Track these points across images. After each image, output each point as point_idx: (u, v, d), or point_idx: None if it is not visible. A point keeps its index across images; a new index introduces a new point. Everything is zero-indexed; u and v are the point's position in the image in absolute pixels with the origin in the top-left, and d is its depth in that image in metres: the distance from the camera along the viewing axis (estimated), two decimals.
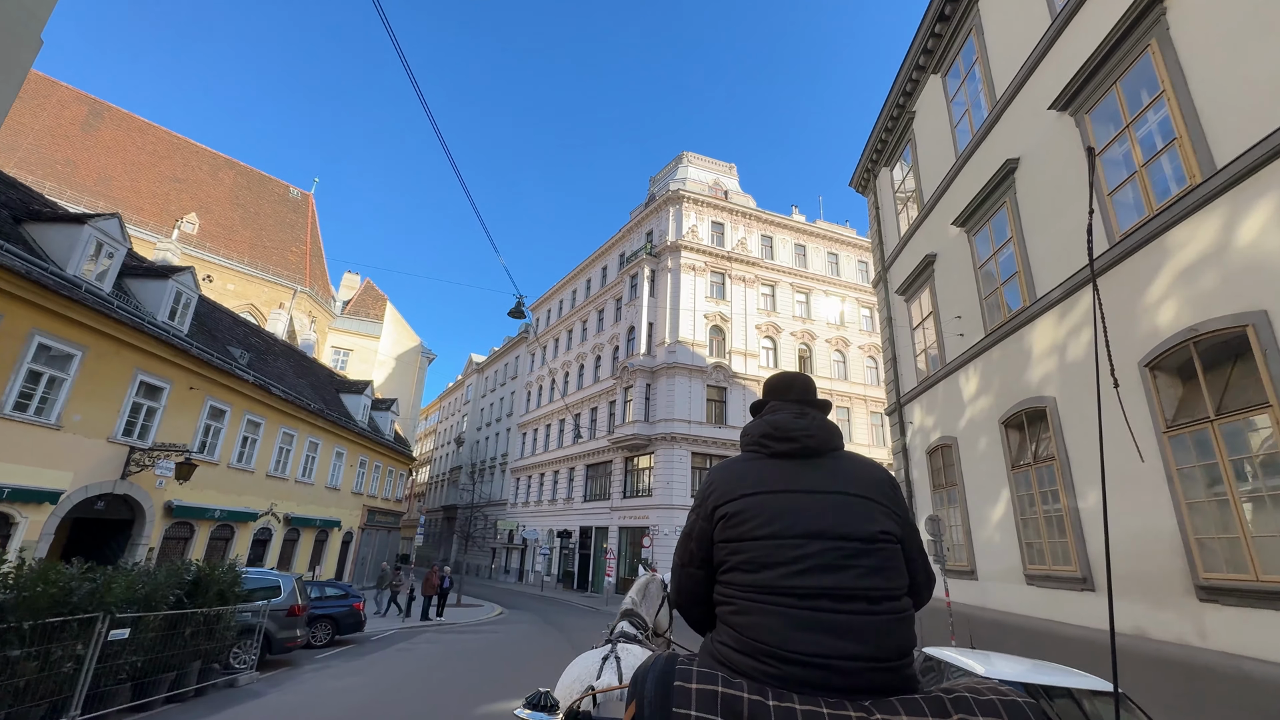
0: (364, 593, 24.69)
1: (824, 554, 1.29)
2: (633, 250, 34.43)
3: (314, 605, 11.39)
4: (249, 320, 23.42)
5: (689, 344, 29.66)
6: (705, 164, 35.68)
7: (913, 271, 15.30)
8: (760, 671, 1.22)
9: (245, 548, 18.18)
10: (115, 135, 34.24)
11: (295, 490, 21.08)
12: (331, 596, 11.77)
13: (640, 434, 28.46)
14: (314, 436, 22.03)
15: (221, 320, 19.90)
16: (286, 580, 9.48)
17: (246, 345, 20.24)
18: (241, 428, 17.68)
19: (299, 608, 9.28)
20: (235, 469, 17.55)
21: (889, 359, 17.53)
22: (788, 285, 33.54)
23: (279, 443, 19.75)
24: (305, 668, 9.41)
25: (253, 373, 18.02)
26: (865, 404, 32.76)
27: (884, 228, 18.47)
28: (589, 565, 31.83)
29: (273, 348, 23.00)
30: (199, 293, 16.31)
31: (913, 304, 15.94)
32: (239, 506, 17.58)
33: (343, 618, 11.60)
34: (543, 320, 47.00)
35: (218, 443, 16.67)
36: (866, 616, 1.24)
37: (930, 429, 14.57)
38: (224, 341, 18.42)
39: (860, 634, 1.22)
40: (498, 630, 15.29)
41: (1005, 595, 11.01)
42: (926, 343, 15.01)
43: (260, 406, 18.51)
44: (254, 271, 34.94)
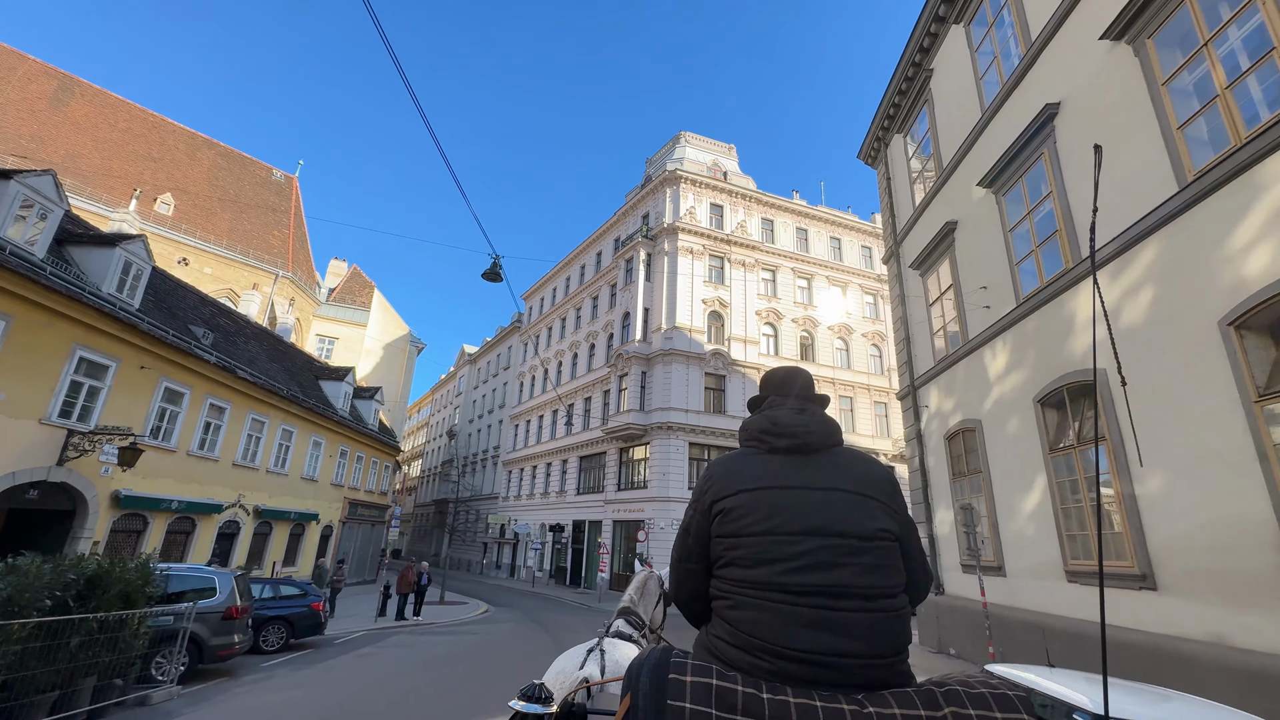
0: (348, 589, 23.44)
1: (821, 551, 1.29)
2: (628, 234, 33.12)
3: (265, 606, 10.15)
4: (219, 301, 22.07)
5: (686, 330, 28.40)
6: (704, 144, 34.35)
7: (929, 243, 14.08)
8: (754, 666, 1.22)
9: (209, 542, 16.90)
10: (86, 111, 32.70)
11: (267, 481, 19.78)
12: (287, 596, 10.50)
13: (635, 423, 27.23)
14: (288, 424, 20.72)
15: (185, 298, 18.55)
16: (224, 578, 8.21)
17: (213, 326, 18.90)
18: (203, 412, 16.37)
19: (237, 609, 8.03)
20: (196, 457, 16.25)
21: (901, 339, 16.32)
22: (789, 270, 32.28)
23: (247, 430, 18.44)
24: (245, 679, 8.17)
25: (216, 353, 16.69)
26: (869, 393, 31.58)
27: (896, 200, 17.22)
28: (582, 560, 30.64)
29: (244, 330, 21.65)
30: (152, 264, 14.96)
31: (929, 278, 14.72)
32: (201, 498, 16.29)
33: (299, 619, 10.33)
34: (535, 309, 45.66)
35: (175, 428, 15.35)
36: (862, 614, 1.24)
37: (949, 412, 13.38)
38: (186, 320, 17.08)
39: (855, 631, 1.22)
40: (477, 631, 14.07)
41: (1040, 594, 9.84)
42: (945, 319, 13.80)
43: (225, 390, 17.18)
44: (232, 255, 33.51)
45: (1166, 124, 7.56)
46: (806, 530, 1.31)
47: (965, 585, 12.43)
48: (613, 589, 26.64)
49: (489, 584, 32.99)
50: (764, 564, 1.31)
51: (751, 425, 1.57)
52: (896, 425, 31.58)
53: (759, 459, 1.49)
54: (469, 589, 29.38)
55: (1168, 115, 7.56)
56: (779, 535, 1.32)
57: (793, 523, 1.33)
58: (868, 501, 1.38)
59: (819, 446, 1.48)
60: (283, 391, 19.90)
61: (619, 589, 26.71)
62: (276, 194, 40.00)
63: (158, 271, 17.88)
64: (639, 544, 25.21)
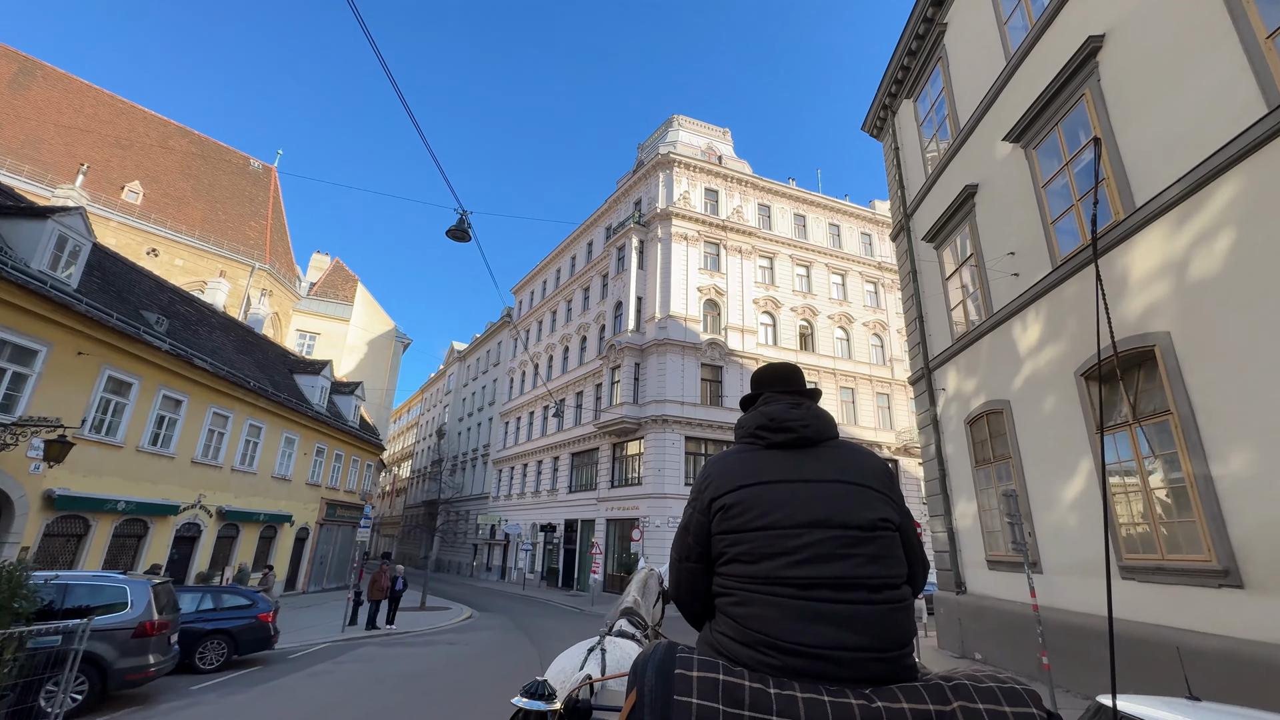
0: (324, 595, 22.07)
1: (823, 543, 1.28)
2: (620, 221, 31.86)
3: (202, 618, 8.85)
4: (181, 288, 20.65)
5: (681, 319, 27.16)
6: (697, 128, 33.13)
7: (945, 211, 12.92)
8: (760, 662, 1.21)
9: (164, 547, 15.52)
10: (49, 96, 31.14)
11: (232, 480, 18.40)
12: (230, 607, 9.16)
13: (629, 417, 25.98)
14: (256, 419, 19.34)
15: (139, 283, 17.15)
16: (138, 588, 6.89)
17: (171, 313, 17.51)
18: (155, 405, 14.99)
19: (153, 624, 6.73)
20: (148, 453, 14.87)
21: (913, 318, 15.15)
22: (787, 257, 31.11)
23: (208, 424, 17.06)
24: (161, 706, 6.87)
25: (170, 341, 15.31)
26: (870, 384, 30.46)
27: (906, 170, 16.06)
28: (575, 561, 29.37)
29: (207, 319, 20.24)
30: (92, 239, 13.57)
31: (944, 250, 13.56)
32: (153, 498, 14.92)
33: (243, 633, 8.99)
34: (525, 303, 44.33)
35: (121, 421, 13.98)
36: (866, 606, 1.23)
37: (970, 394, 12.21)
38: (138, 306, 15.70)
39: (860, 624, 1.21)
40: (455, 641, 12.78)
41: (1086, 593, 8.67)
42: (964, 293, 12.63)
43: (181, 381, 15.81)
44: (205, 246, 32.01)
45: (1251, 35, 6.39)
46: (808, 523, 1.30)
47: (992, 583, 11.27)
48: (606, 591, 25.39)
49: (478, 587, 31.66)
50: (766, 559, 1.29)
51: (747, 422, 1.56)
52: (900, 416, 30.50)
53: (757, 455, 1.48)
54: (456, 593, 28.05)
55: (1253, 24, 6.39)
56: (780, 529, 1.31)
57: (793, 516, 1.31)
58: (867, 492, 1.37)
59: (815, 440, 1.47)
60: (249, 384, 18.52)
61: (613, 591, 25.46)
62: (254, 183, 38.49)
63: (106, 253, 16.49)
64: (634, 543, 23.96)
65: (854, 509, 1.32)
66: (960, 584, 12.55)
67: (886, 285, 33.15)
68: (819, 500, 1.33)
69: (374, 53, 4.56)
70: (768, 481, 1.39)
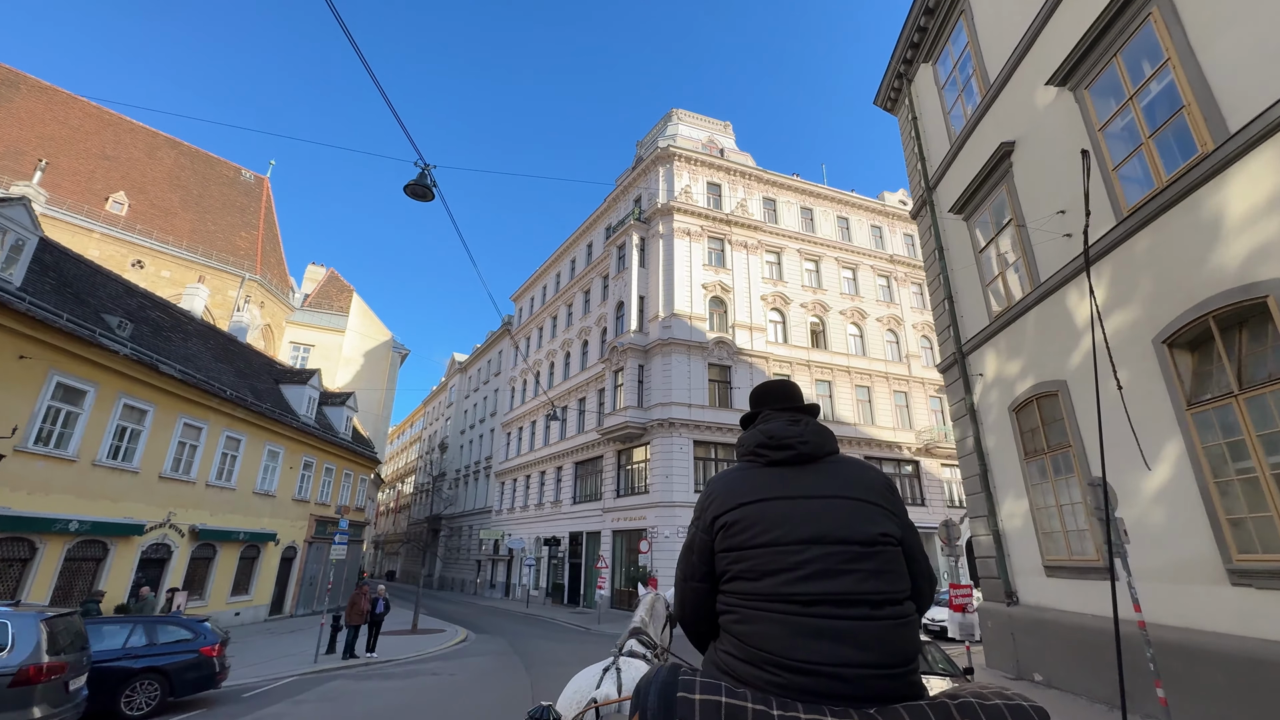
0: (313, 619, 20.66)
1: (824, 559, 1.27)
2: (619, 219, 30.70)
3: (130, 655, 7.52)
4: (152, 293, 19.53)
5: (686, 317, 25.85)
6: (698, 121, 32.04)
7: (976, 176, 11.61)
8: (764, 680, 1.20)
9: (127, 570, 14.22)
10: (32, 107, 30.41)
11: (207, 496, 17.12)
12: (166, 642, 7.78)
13: (633, 421, 24.59)
14: (233, 430, 18.09)
15: (103, 286, 16.01)
16: (23, 623, 5.53)
17: (139, 318, 16.36)
18: (115, 414, 13.76)
19: (40, 669, 5.41)
20: (106, 468, 13.62)
21: (941, 300, 13.77)
22: (795, 252, 29.80)
23: (178, 436, 15.82)
24: None
25: (133, 345, 14.12)
26: (887, 381, 28.96)
27: (926, 142, 14.76)
28: (580, 576, 27.85)
29: (182, 326, 19.08)
30: (39, 234, 12.43)
31: (975, 220, 12.22)
32: (113, 517, 13.64)
33: (180, 671, 7.62)
34: (525, 309, 43.19)
35: (73, 432, 12.74)
36: (868, 622, 1.21)
37: (1015, 377, 10.80)
38: (98, 309, 14.54)
39: (863, 640, 1.20)
40: (441, 670, 11.35)
41: (1182, 602, 7.21)
42: (1001, 265, 11.27)
43: (145, 389, 14.59)
44: (193, 256, 31.04)
45: None
46: (808, 539, 1.29)
47: (1053, 593, 9.77)
48: (614, 607, 23.87)
49: (480, 606, 30.15)
50: (768, 575, 1.28)
51: (747, 440, 1.56)
52: (920, 415, 28.96)
53: (757, 472, 1.47)
54: (456, 613, 26.57)
55: None
56: (782, 546, 1.30)
57: (794, 532, 1.31)
58: (867, 507, 1.36)
59: (815, 456, 1.47)
60: (225, 393, 17.30)
61: (621, 607, 23.93)
62: (245, 194, 37.66)
63: (67, 255, 15.39)
64: (641, 555, 22.49)
65: (854, 524, 1.31)
66: (1011, 594, 11.05)
67: (899, 279, 31.77)
68: (819, 516, 1.32)
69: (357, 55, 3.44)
70: (768, 498, 1.38)
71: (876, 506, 1.36)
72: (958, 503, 28.46)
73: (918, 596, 1.39)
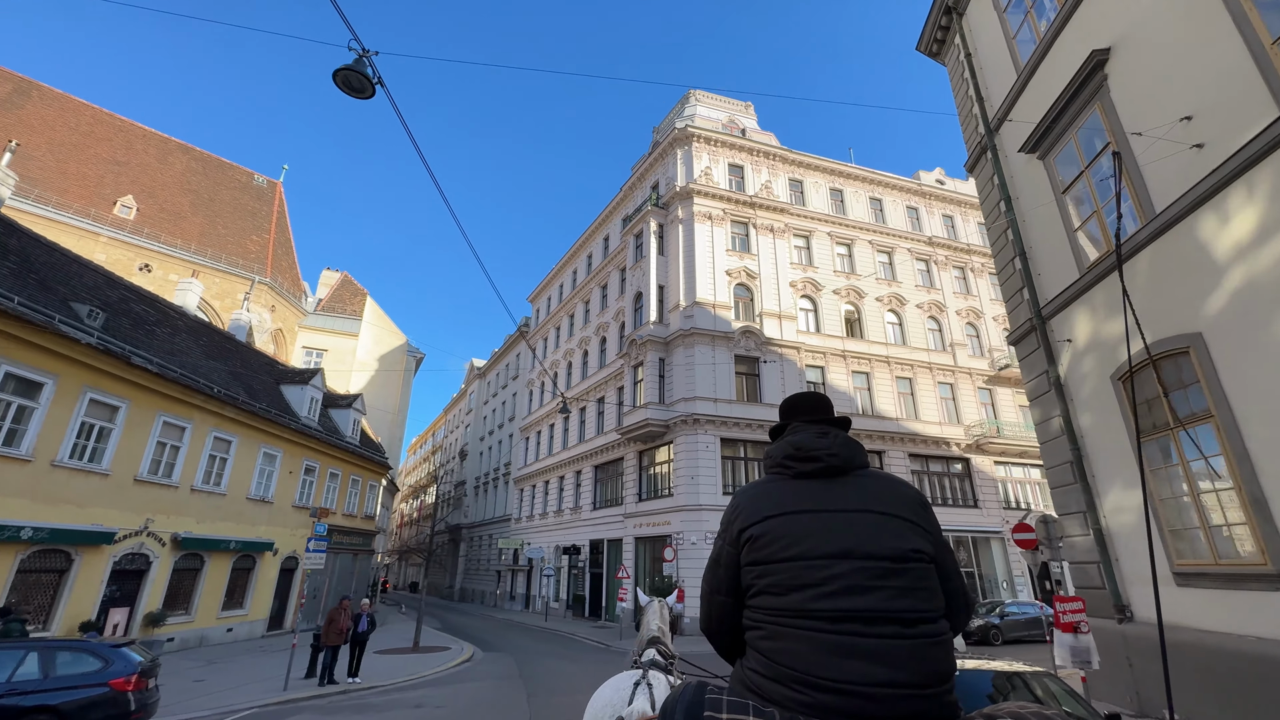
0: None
1: (853, 574, 1.24)
2: (636, 208, 29.06)
3: (17, 691, 5.96)
4: (139, 286, 18.46)
5: (709, 306, 23.97)
6: (717, 102, 30.29)
7: (1057, 101, 9.62)
8: (791, 700, 1.17)
9: (96, 583, 12.88)
10: (43, 114, 30.20)
11: (192, 502, 15.81)
12: (66, 675, 6.15)
13: (655, 419, 22.75)
14: (223, 431, 16.79)
15: (80, 275, 14.90)
16: None
17: (121, 311, 15.21)
18: (80, 410, 12.48)
19: None
20: (69, 469, 12.32)
21: (1009, 260, 11.71)
22: (825, 235, 27.72)
23: (156, 435, 14.53)
24: None
25: (100, 334, 12.86)
26: (930, 372, 26.58)
27: (985, 78, 12.73)
28: (602, 587, 25.99)
29: (170, 320, 17.93)
30: None
31: (1055, 155, 10.17)
32: (78, 523, 12.32)
33: (80, 711, 6.02)
34: (542, 310, 41.82)
35: (27, 429, 11.46)
36: (899, 640, 1.18)
37: (1121, 337, 8.70)
38: (67, 296, 13.36)
39: (894, 659, 1.16)
40: (426, 701, 9.61)
41: None
42: (1098, 201, 9.21)
43: (116, 383, 13.33)
44: (201, 260, 30.34)
45: None
46: (836, 554, 1.27)
47: (1191, 607, 7.59)
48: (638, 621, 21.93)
49: (497, 619, 28.48)
50: (795, 590, 1.26)
51: (775, 452, 1.54)
52: (968, 408, 26.48)
53: (785, 484, 1.45)
54: (470, 626, 24.94)
55: None
56: (809, 560, 1.28)
57: (822, 546, 1.28)
58: (898, 522, 1.33)
59: (845, 469, 1.44)
60: (212, 390, 16.02)
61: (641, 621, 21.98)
62: (257, 199, 37.11)
63: (37, 241, 14.32)
64: (666, 564, 20.56)
65: (883, 539, 1.28)
66: (1123, 608, 8.87)
67: (940, 262, 29.40)
68: (847, 530, 1.30)
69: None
70: (795, 511, 1.35)
71: (908, 522, 1.32)
72: (1014, 503, 25.86)
73: (952, 616, 1.34)
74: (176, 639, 15.27)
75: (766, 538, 1.34)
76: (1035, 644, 17.85)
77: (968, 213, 31.49)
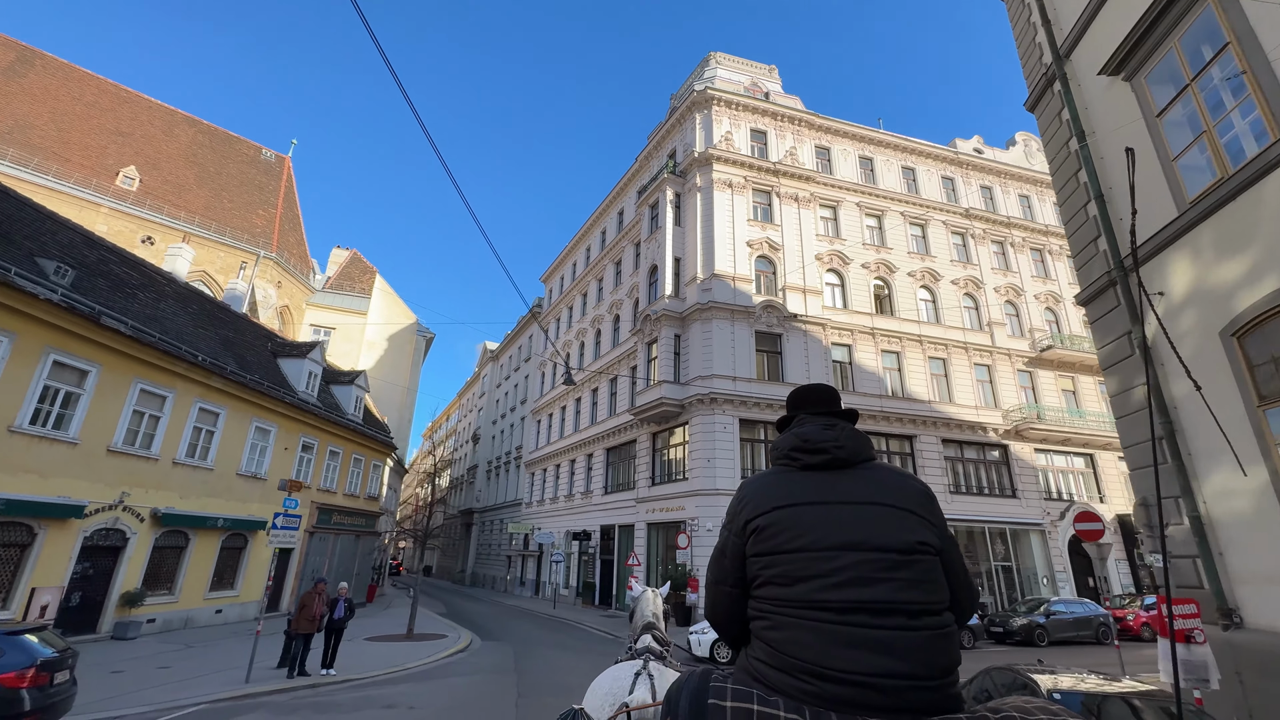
0: None
1: (859, 566, 1.25)
2: (653, 177, 27.53)
3: None
4: (122, 249, 17.52)
5: (728, 278, 22.46)
6: (738, 65, 28.50)
7: (1154, 7, 7.95)
8: (797, 689, 1.18)
9: (64, 559, 11.97)
10: (46, 84, 29.54)
11: (175, 476, 14.89)
12: None
13: (669, 398, 21.39)
14: (209, 402, 15.83)
15: (53, 232, 13.94)
16: None
17: (98, 271, 14.26)
18: (41, 372, 11.51)
19: None
20: (30, 436, 11.38)
21: (1081, 206, 10.05)
22: (853, 205, 25.94)
23: (133, 403, 13.57)
24: None
25: (65, 291, 11.85)
26: (966, 353, 24.79)
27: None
28: (612, 574, 24.85)
29: (157, 285, 16.97)
30: None
31: (1148, 73, 8.49)
32: (40, 495, 11.40)
33: None
34: (555, 290, 40.57)
35: None
36: (905, 632, 1.19)
37: (1237, 285, 7.08)
38: (32, 251, 12.37)
39: (900, 650, 1.17)
40: (399, 700, 8.44)
41: None
42: (1207, 120, 7.57)
43: (84, 345, 12.34)
44: (204, 232, 29.57)
45: None
46: (843, 545, 1.27)
47: None
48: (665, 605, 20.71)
49: (505, 605, 27.55)
50: (801, 581, 1.27)
51: (782, 444, 1.54)
52: (1007, 392, 24.66)
53: (791, 476, 1.45)
54: (476, 612, 24.01)
55: None
56: (815, 551, 1.29)
57: (829, 538, 1.29)
58: (905, 515, 1.33)
59: (851, 461, 1.44)
60: (195, 358, 15.02)
61: None
62: (265, 173, 36.30)
63: (4, 192, 13.32)
64: (680, 551, 19.29)
65: (890, 531, 1.29)
66: (1229, 612, 7.32)
67: (977, 236, 27.44)
68: (854, 522, 1.31)
69: None
70: (802, 503, 1.36)
71: (914, 515, 1.33)
72: (1056, 494, 24.08)
73: (956, 608, 1.34)
74: (159, 620, 14.43)
75: (773, 529, 1.34)
76: (1084, 646, 16.28)
77: (1008, 184, 29.39)
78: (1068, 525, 23.02)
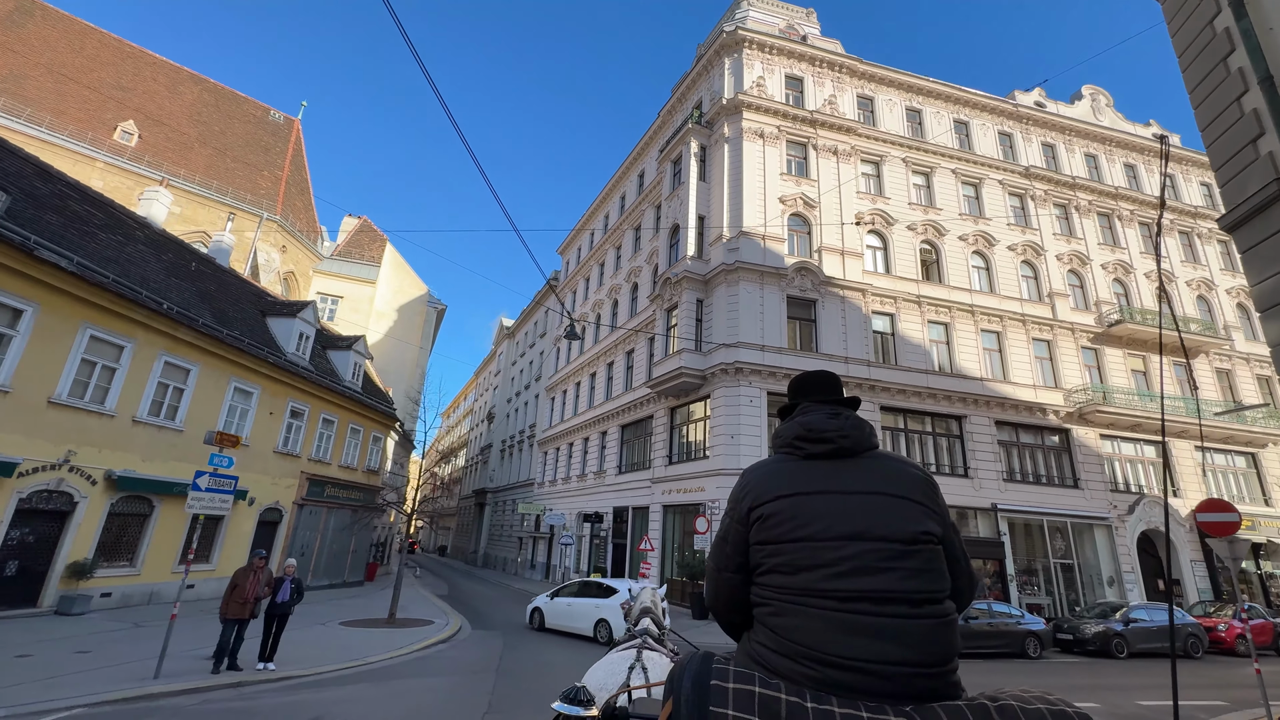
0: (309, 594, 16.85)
1: (863, 555, 1.25)
2: (676, 132, 25.26)
3: None
4: (86, 186, 15.98)
5: (758, 237, 20.21)
6: (773, 6, 25.85)
7: None
8: (798, 673, 1.19)
9: None
10: (44, 35, 28.37)
11: (135, 436, 13.40)
12: None
13: (690, 368, 19.34)
14: (177, 356, 14.28)
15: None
16: None
17: (50, 207, 12.71)
18: None
19: None
20: None
21: (1233, 101, 7.64)
22: (899, 161, 23.34)
23: (80, 352, 12.01)
24: None
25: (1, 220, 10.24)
26: (1023, 326, 22.16)
27: None
28: (625, 558, 23.05)
29: (127, 229, 15.40)
30: None
31: None
32: None
33: None
34: (572, 262, 38.63)
35: None
36: (908, 620, 1.20)
37: None
38: None
39: (902, 638, 1.18)
40: (330, 713, 6.66)
41: None
42: None
43: (15, 279, 10.77)
44: (205, 192, 28.24)
45: None
46: (847, 535, 1.27)
47: None
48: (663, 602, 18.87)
49: (513, 588, 26.00)
50: (805, 570, 1.27)
51: (785, 432, 1.53)
52: (1070, 371, 22.02)
53: (795, 465, 1.45)
54: (478, 595, 22.46)
55: None
56: (820, 541, 1.28)
57: (832, 528, 1.29)
58: (908, 504, 1.33)
59: (855, 450, 1.43)
60: (158, 305, 13.43)
61: (670, 602, 18.92)
62: (272, 134, 34.90)
63: None
64: (698, 536, 17.33)
65: (894, 521, 1.29)
66: None
67: (1038, 198, 24.60)
68: (858, 512, 1.30)
69: None
70: (806, 493, 1.36)
71: (917, 504, 1.34)
72: (1124, 486, 21.44)
73: (957, 596, 1.36)
74: (116, 594, 13.01)
75: (777, 517, 1.34)
76: (1168, 659, 13.88)
77: (1073, 141, 26.36)
78: (1137, 520, 20.43)
